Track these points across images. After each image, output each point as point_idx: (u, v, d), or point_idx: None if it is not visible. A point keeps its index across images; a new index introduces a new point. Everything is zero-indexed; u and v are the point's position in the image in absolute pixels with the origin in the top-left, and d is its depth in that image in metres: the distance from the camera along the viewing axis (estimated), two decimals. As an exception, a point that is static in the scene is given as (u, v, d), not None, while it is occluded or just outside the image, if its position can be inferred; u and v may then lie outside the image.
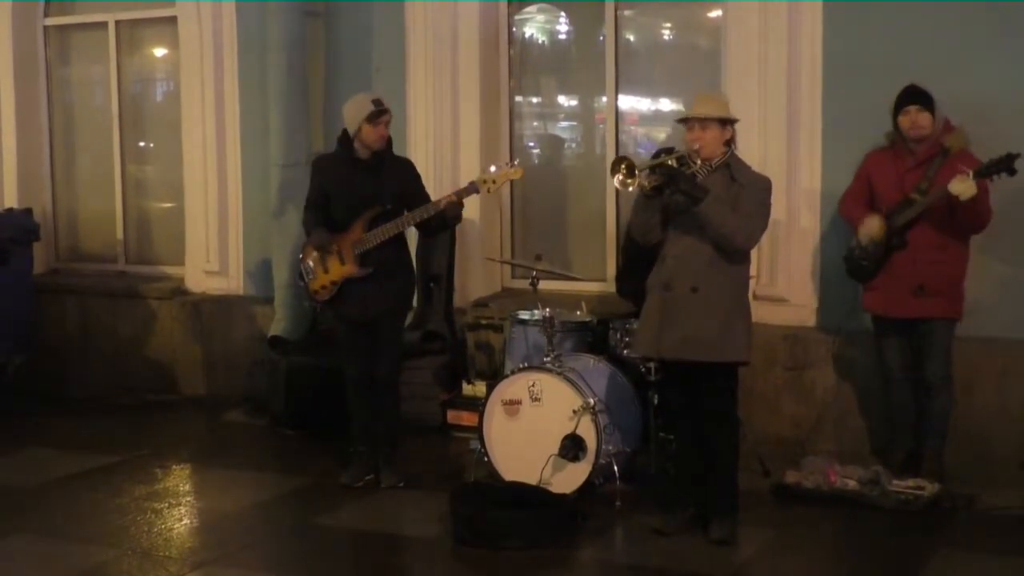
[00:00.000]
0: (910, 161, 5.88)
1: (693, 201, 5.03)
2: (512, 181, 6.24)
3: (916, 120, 5.82)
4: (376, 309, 6.05)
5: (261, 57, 7.87)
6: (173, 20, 8.56)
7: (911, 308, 5.89)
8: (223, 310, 8.41)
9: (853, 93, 6.46)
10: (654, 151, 5.21)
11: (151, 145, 9.31)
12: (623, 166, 5.06)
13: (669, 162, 5.10)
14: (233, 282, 8.46)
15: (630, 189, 5.12)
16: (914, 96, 5.84)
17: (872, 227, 5.88)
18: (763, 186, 5.24)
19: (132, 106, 9.21)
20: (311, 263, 6.13)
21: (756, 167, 5.57)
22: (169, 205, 9.07)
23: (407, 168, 6.23)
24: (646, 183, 5.07)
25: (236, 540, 5.55)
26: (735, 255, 5.19)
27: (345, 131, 6.04)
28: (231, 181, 8.37)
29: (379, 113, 5.95)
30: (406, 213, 5.94)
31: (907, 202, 5.80)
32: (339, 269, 6.04)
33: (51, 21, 9.32)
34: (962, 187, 5.55)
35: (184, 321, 8.54)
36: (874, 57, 6.42)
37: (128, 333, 8.73)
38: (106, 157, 9.21)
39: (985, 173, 5.60)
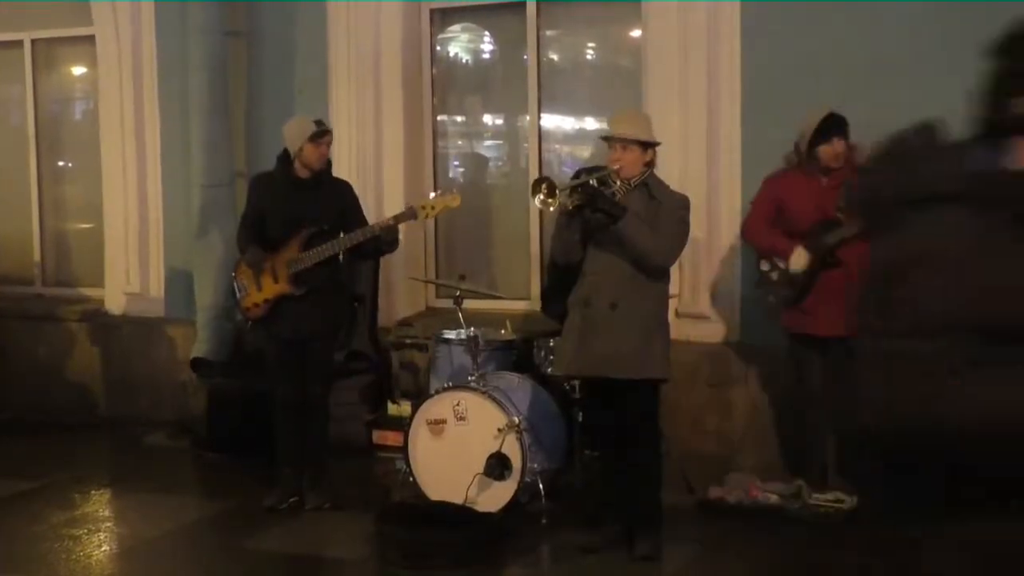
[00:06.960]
0: (826, 182, 5.89)
1: (611, 220, 5.06)
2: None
3: (838, 150, 5.84)
4: (308, 329, 6.02)
5: (182, 77, 7.79)
6: (91, 39, 8.43)
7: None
8: (144, 332, 8.29)
9: (771, 112, 6.55)
10: (576, 170, 5.22)
11: (69, 165, 9.17)
12: (544, 186, 5.06)
13: (591, 181, 5.14)
14: (154, 304, 8.33)
15: (551, 209, 5.15)
16: (837, 125, 5.84)
17: (803, 259, 5.84)
18: (681, 204, 5.27)
19: (49, 126, 9.08)
20: (244, 280, 6.09)
21: (676, 185, 5.63)
22: (88, 226, 8.93)
23: (345, 190, 6.23)
24: (567, 202, 5.11)
25: (158, 566, 5.47)
26: (654, 272, 5.22)
27: (286, 150, 6.03)
28: (152, 201, 8.26)
29: (321, 133, 5.97)
30: (343, 235, 5.93)
31: (832, 222, 5.80)
32: (272, 287, 6.00)
33: (-35, 39, 9.16)
34: None
35: (104, 343, 8.42)
36: (792, 78, 6.52)
37: (47, 356, 8.58)
38: (22, 177, 9.05)
39: None
